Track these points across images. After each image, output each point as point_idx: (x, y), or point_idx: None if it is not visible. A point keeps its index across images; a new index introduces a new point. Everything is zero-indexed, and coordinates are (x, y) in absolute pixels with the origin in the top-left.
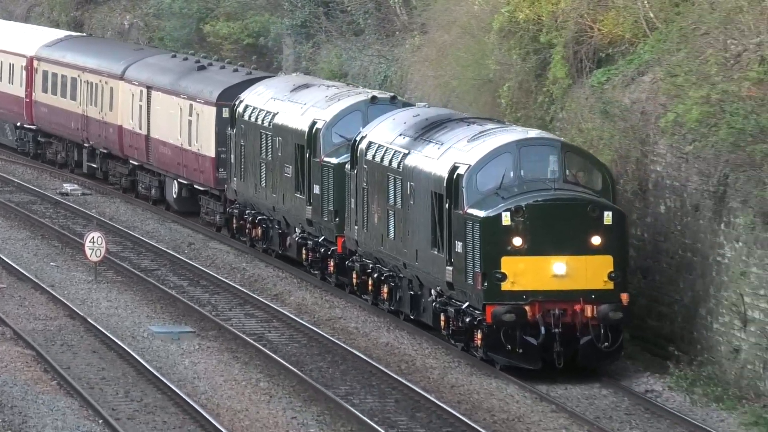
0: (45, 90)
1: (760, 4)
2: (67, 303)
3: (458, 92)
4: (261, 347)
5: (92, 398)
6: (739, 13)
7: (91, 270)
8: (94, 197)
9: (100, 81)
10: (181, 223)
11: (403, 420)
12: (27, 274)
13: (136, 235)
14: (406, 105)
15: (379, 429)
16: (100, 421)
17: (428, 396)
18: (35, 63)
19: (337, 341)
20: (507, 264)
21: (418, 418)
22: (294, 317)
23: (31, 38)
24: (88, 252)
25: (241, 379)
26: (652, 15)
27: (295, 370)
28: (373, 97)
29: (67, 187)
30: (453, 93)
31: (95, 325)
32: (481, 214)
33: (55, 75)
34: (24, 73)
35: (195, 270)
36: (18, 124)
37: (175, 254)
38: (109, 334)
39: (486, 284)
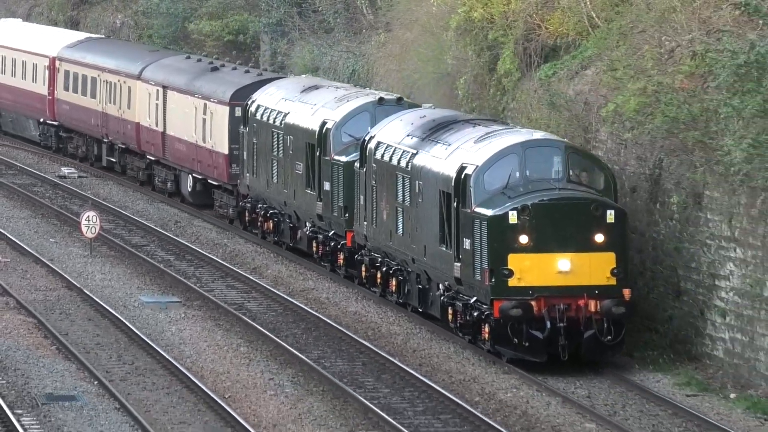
0: (66, 88)
1: (691, 5)
2: (65, 275)
3: (419, 85)
4: (241, 315)
5: (88, 362)
6: (672, 13)
7: (86, 245)
8: (89, 180)
9: (119, 80)
10: (167, 203)
11: (369, 381)
12: (28, 249)
13: (127, 214)
14: (411, 106)
15: (348, 389)
16: (95, 383)
17: (392, 359)
18: (57, 63)
19: (310, 310)
20: (514, 261)
21: (383, 380)
22: (271, 288)
23: (53, 40)
24: (83, 229)
25: (223, 345)
26: (594, 15)
27: (272, 336)
28: (380, 99)
29: (65, 170)
30: (414, 85)
31: (90, 295)
32: (489, 212)
33: (76, 74)
34: (47, 72)
35: (181, 245)
36: (41, 120)
37: (162, 231)
38: (103, 304)
39: (493, 280)
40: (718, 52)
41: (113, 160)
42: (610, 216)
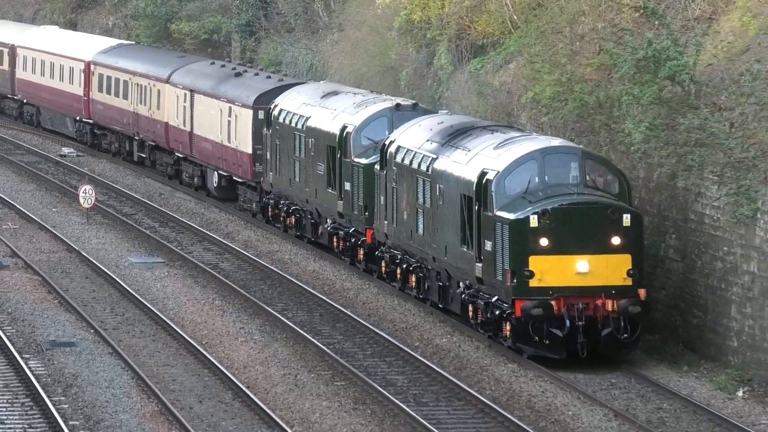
0: (101, 90)
1: (597, 9)
2: (66, 240)
3: (367, 77)
4: (216, 274)
5: (85, 313)
6: (581, 16)
7: (83, 214)
8: (86, 158)
9: (149, 84)
10: (153, 177)
11: (326, 329)
12: (34, 217)
13: (119, 188)
14: (427, 112)
15: (307, 336)
16: (92, 331)
17: (345, 311)
18: (92, 67)
19: (274, 269)
20: (534, 262)
21: (337, 328)
22: (241, 251)
23: (88, 46)
24: (81, 200)
25: (200, 298)
26: (515, 17)
27: (242, 291)
28: (398, 105)
29: (65, 150)
30: (363, 77)
31: (87, 257)
32: (511, 216)
33: (109, 78)
34: (82, 75)
35: (164, 214)
36: (77, 118)
37: (149, 202)
38: (98, 264)
39: (515, 281)
40: (620, 48)
41: (143, 155)
42: (626, 220)
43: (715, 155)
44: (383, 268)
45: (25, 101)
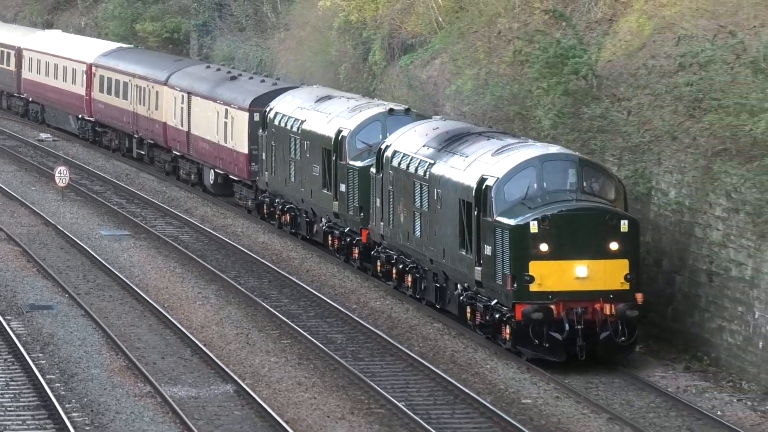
0: (102, 90)
1: (511, 12)
2: (43, 215)
3: (311, 71)
4: (176, 245)
5: (61, 280)
6: (498, 17)
7: (59, 192)
8: (61, 143)
9: (148, 85)
10: (120, 160)
11: (274, 293)
12: (15, 195)
13: (90, 169)
14: (419, 116)
15: (258, 300)
16: (67, 296)
17: (291, 277)
18: (93, 69)
19: (228, 241)
20: (534, 267)
21: (284, 292)
22: (199, 224)
23: (89, 49)
24: (57, 180)
25: (162, 267)
26: (440, 18)
27: (200, 260)
28: (391, 110)
29: (42, 135)
30: (307, 72)
31: (62, 230)
32: (511, 222)
33: (110, 79)
34: (84, 76)
35: (130, 192)
36: (79, 116)
37: (117, 182)
38: (72, 236)
39: (515, 285)
40: (532, 46)
41: (142, 152)
42: (624, 226)
43: (615, 140)
44: (379, 268)
45: (30, 100)
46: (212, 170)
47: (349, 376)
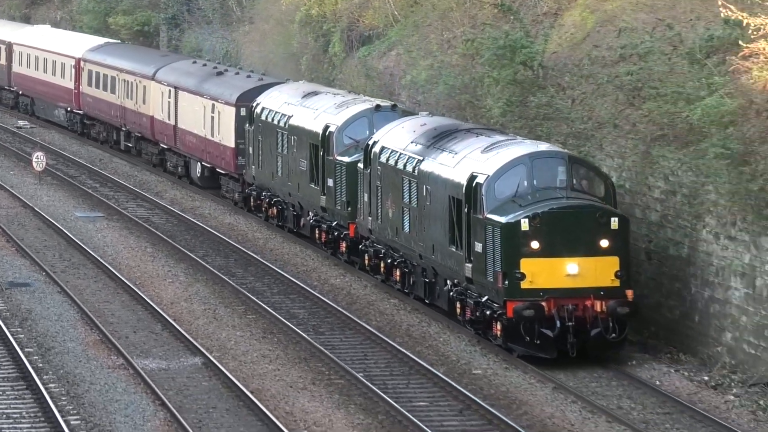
0: (90, 84)
1: (463, 6)
2: (21, 198)
3: (274, 62)
4: (147, 226)
5: (38, 258)
6: (450, 11)
7: (36, 176)
8: (38, 129)
9: (135, 80)
10: (94, 146)
11: (239, 271)
12: None
13: (66, 154)
14: (405, 112)
15: (224, 277)
16: (44, 273)
17: (256, 256)
18: (82, 63)
19: (197, 222)
20: (526, 265)
21: (249, 270)
22: (169, 207)
23: (78, 44)
24: (34, 164)
25: (134, 247)
26: (396, 12)
27: (169, 240)
28: (378, 106)
29: (20, 122)
30: (270, 63)
31: (40, 212)
32: (502, 220)
33: (98, 73)
34: (73, 70)
35: (104, 176)
36: (68, 108)
37: (91, 166)
38: (48, 218)
39: (507, 282)
40: (482, 38)
41: (130, 145)
42: (614, 223)
43: (560, 127)
44: (367, 262)
45: (20, 93)
46: (199, 163)
47: (310, 349)
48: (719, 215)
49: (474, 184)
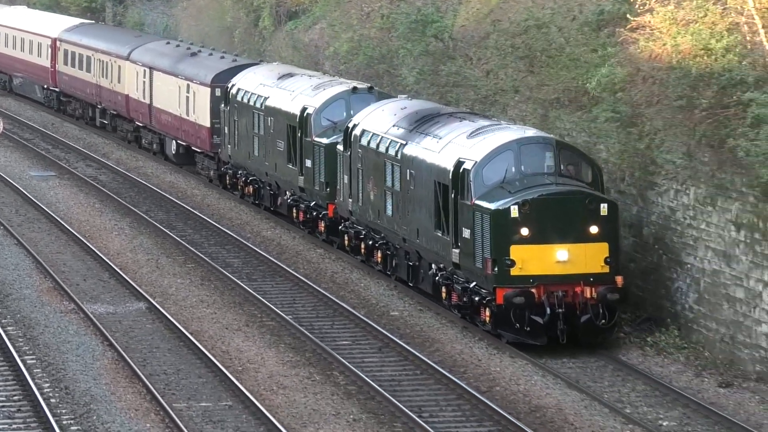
0: (66, 63)
1: None
2: None
3: (210, 35)
4: (95, 184)
5: None
6: None
7: None
8: None
9: (110, 60)
10: (47, 112)
11: (179, 225)
12: None
13: (21, 119)
14: (381, 95)
15: (165, 230)
16: (1, 227)
17: (194, 211)
18: (58, 43)
19: (141, 180)
20: (515, 251)
21: (188, 224)
22: (115, 167)
23: (53, 24)
24: None
25: (84, 203)
26: None
27: (116, 197)
28: (354, 88)
29: None
30: (206, 36)
31: None
32: (491, 206)
33: (74, 53)
34: (49, 50)
35: (56, 140)
36: (45, 86)
37: (44, 130)
38: (5, 177)
39: (496, 269)
40: (397, 14)
41: (105, 122)
42: (604, 209)
43: (468, 93)
44: (347, 242)
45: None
46: (174, 141)
47: (244, 294)
48: (610, 171)
49: (461, 170)
